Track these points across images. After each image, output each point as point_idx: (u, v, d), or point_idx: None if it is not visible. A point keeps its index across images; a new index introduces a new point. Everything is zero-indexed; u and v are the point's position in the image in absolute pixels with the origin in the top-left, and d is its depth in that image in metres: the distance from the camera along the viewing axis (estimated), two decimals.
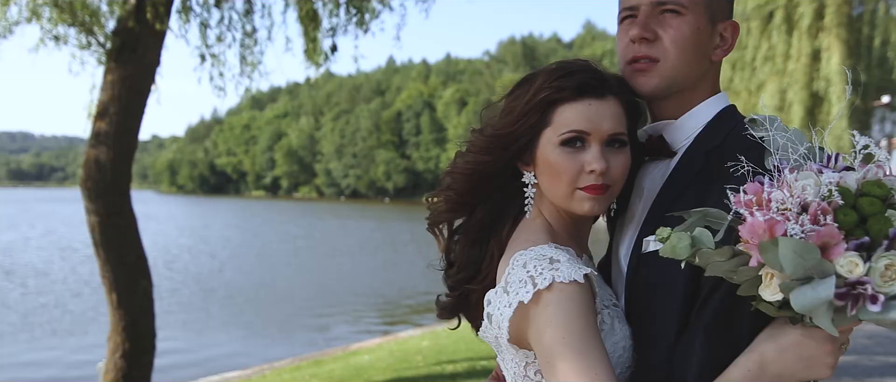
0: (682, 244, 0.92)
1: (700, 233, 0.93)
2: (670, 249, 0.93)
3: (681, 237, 0.93)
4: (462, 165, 1.34)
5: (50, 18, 5.43)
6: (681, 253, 0.93)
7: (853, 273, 0.82)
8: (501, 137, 1.30)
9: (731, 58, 20.69)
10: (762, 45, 19.73)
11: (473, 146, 1.33)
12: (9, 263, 24.04)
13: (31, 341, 13.00)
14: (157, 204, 78.96)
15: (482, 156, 1.31)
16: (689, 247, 0.92)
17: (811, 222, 0.85)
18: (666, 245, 0.94)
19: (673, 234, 0.93)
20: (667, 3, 1.29)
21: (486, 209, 1.36)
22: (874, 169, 0.90)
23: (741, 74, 20.69)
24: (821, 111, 20.38)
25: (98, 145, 5.50)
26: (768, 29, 19.67)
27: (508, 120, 1.30)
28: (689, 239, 0.92)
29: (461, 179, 1.34)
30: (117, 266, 5.73)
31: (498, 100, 1.35)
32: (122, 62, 5.40)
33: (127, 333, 5.87)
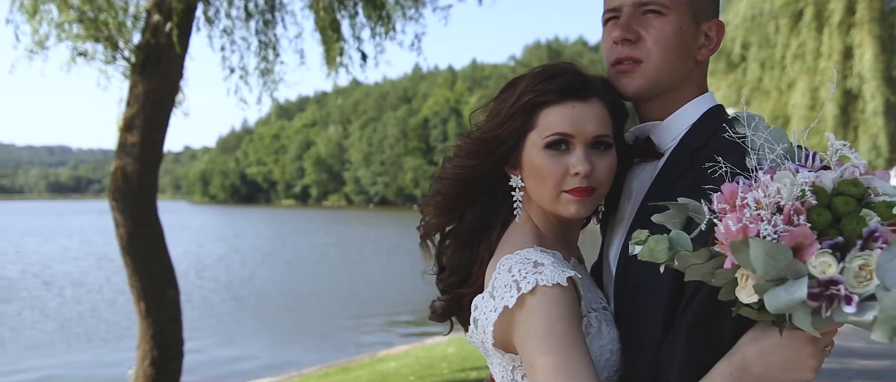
0: (660, 247, 0.91)
1: (677, 236, 0.92)
2: (648, 252, 0.92)
3: (658, 240, 0.92)
4: (450, 171, 1.34)
5: (77, 35, 5.58)
6: (659, 256, 0.92)
7: (826, 273, 0.80)
8: (487, 141, 1.30)
9: (760, 57, 20.35)
10: (791, 43, 19.38)
11: (460, 151, 1.34)
12: (47, 273, 24.66)
13: (68, 348, 13.32)
14: (189, 214, 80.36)
15: (469, 161, 1.32)
16: (667, 250, 0.91)
17: (785, 223, 0.83)
18: (644, 248, 0.93)
19: (651, 237, 0.92)
20: (649, 4, 1.29)
21: (475, 213, 1.37)
22: (851, 168, 0.88)
23: (771, 73, 20.34)
24: (855, 109, 19.93)
25: (125, 157, 5.63)
26: (798, 26, 19.31)
27: (493, 124, 1.30)
28: (666, 241, 0.91)
29: (449, 184, 1.34)
30: (145, 275, 5.84)
31: (486, 104, 1.36)
32: (146, 76, 5.52)
33: (155, 341, 5.98)
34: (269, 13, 6.31)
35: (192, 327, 14.24)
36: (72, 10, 5.45)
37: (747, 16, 19.27)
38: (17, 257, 30.71)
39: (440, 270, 1.41)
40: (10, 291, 20.68)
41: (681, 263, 0.91)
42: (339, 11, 6.11)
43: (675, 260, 0.92)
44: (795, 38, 19.49)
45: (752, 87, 20.87)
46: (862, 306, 0.80)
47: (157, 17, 5.47)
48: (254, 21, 6.26)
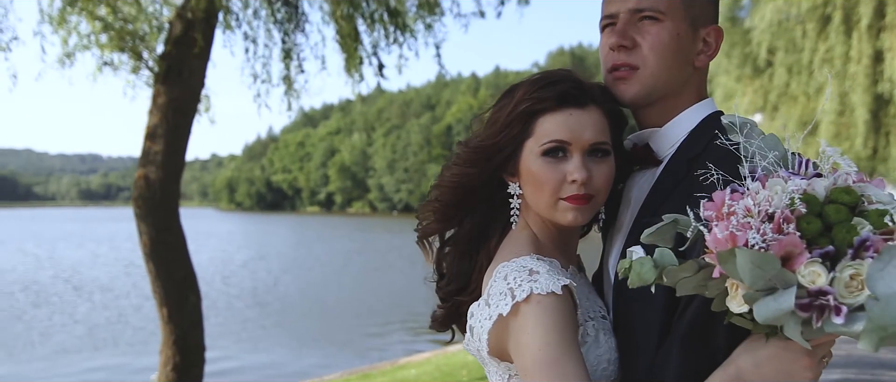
0: (646, 268, 0.89)
1: (660, 254, 0.90)
2: (636, 277, 0.90)
3: (642, 262, 0.90)
4: (448, 178, 1.34)
5: (103, 45, 5.70)
6: (647, 277, 0.90)
7: (816, 283, 0.78)
8: (485, 149, 1.30)
9: (787, 62, 20.04)
10: (819, 48, 19.04)
11: (458, 159, 1.34)
12: (77, 279, 25.15)
13: (95, 353, 13.56)
14: (216, 221, 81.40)
15: (467, 168, 1.32)
16: (653, 270, 0.90)
17: (774, 231, 0.82)
18: (631, 274, 0.91)
19: (634, 262, 0.90)
20: (645, 10, 1.28)
21: (474, 220, 1.36)
22: (845, 175, 0.86)
23: (798, 78, 20.00)
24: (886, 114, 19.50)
25: (148, 165, 5.72)
26: (826, 31, 18.97)
27: (491, 131, 1.30)
28: (650, 262, 0.89)
29: (447, 192, 1.34)
30: (167, 281, 5.93)
31: (484, 112, 1.36)
32: (168, 85, 5.62)
33: (177, 346, 6.06)
34: (290, 22, 6.38)
35: (217, 332, 14.43)
36: (98, 21, 5.57)
37: (773, 20, 19.00)
38: (49, 263, 31.36)
39: (440, 278, 1.41)
40: (41, 296, 21.13)
41: (670, 279, 0.90)
42: (358, 20, 6.16)
43: (663, 277, 0.89)
44: (824, 42, 19.14)
45: (780, 93, 20.55)
46: (851, 316, 0.78)
47: (180, 27, 5.57)
48: (275, 29, 6.34)
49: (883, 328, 0.74)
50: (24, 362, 13.19)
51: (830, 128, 19.79)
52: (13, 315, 17.96)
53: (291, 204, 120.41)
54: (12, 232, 58.27)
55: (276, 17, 6.23)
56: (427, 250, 1.41)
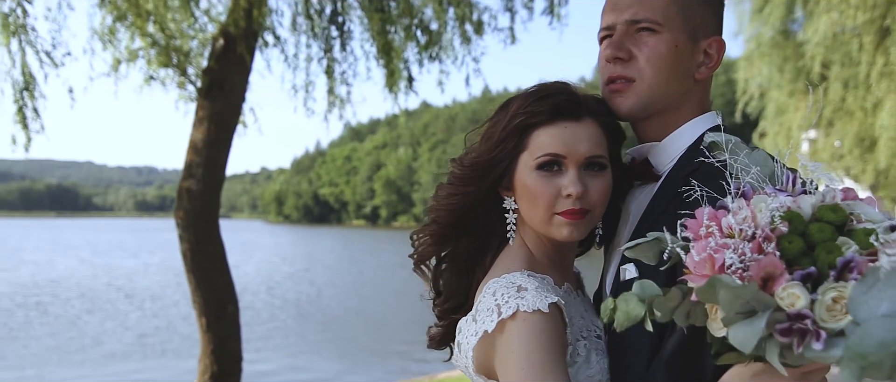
0: (632, 304, 0.84)
1: (642, 287, 0.85)
2: (624, 317, 0.85)
3: (627, 299, 0.85)
4: (446, 201, 1.32)
5: (150, 61, 5.90)
6: (635, 313, 0.85)
7: (795, 306, 0.74)
8: (481, 165, 1.28)
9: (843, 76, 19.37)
10: (877, 61, 18.33)
11: (454, 178, 1.32)
12: (130, 287, 25.94)
13: (143, 360, 13.92)
14: (264, 233, 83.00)
15: (464, 187, 1.30)
16: (640, 305, 0.85)
17: (754, 251, 0.78)
18: (617, 315, 0.86)
19: (618, 302, 0.86)
20: (641, 22, 1.25)
21: (471, 237, 1.34)
22: (833, 191, 0.81)
23: (855, 93, 19.30)
24: None
25: (190, 177, 5.88)
26: (884, 44, 18.27)
27: (487, 147, 1.29)
28: (635, 297, 0.85)
29: (446, 214, 1.32)
30: (206, 291, 6.05)
31: (480, 125, 1.34)
32: (210, 99, 5.77)
33: (215, 356, 6.17)
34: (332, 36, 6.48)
35: (260, 341, 14.66)
36: (146, 37, 5.77)
37: (827, 33, 18.40)
38: (104, 271, 32.47)
39: (436, 295, 1.39)
40: (96, 303, 21.87)
41: (661, 312, 0.84)
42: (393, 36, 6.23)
43: (654, 311, 0.85)
44: (882, 55, 18.43)
45: (835, 108, 19.86)
46: (831, 342, 0.73)
47: (223, 42, 5.73)
48: (317, 43, 6.46)
49: (862, 356, 0.69)
50: (75, 366, 13.64)
51: (890, 144, 19.02)
52: (68, 320, 18.63)
53: (337, 218, 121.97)
54: (72, 241, 60.61)
55: (317, 31, 6.35)
56: (425, 275, 1.39)
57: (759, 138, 22.27)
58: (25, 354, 14.49)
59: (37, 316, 19.63)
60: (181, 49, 5.83)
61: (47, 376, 12.80)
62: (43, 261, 38.18)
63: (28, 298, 22.92)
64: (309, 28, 6.38)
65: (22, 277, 29.62)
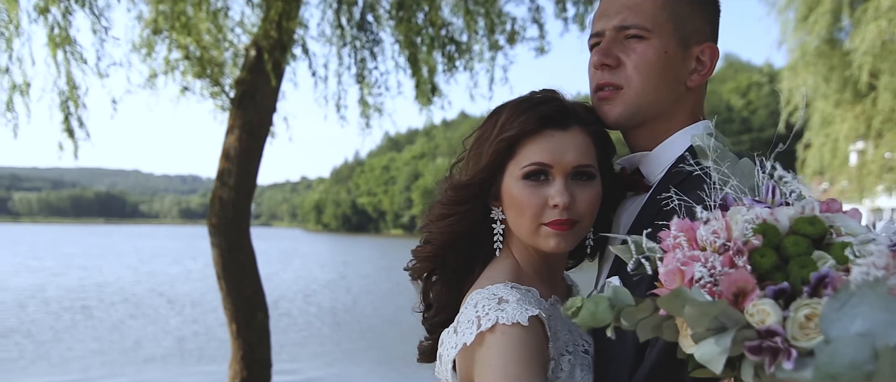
0: (601, 308, 0.80)
1: (616, 292, 0.82)
2: (589, 318, 0.81)
3: (597, 301, 0.81)
4: (441, 223, 1.30)
5: (183, 71, 6.04)
6: (603, 318, 0.81)
7: (765, 322, 0.70)
8: (474, 185, 1.26)
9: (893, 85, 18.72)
10: None
11: (448, 199, 1.30)
12: (171, 293, 26.53)
13: (181, 363, 14.19)
14: (303, 241, 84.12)
15: (459, 208, 1.28)
16: (609, 311, 0.81)
17: (726, 265, 0.74)
18: (582, 315, 0.82)
19: (586, 302, 0.82)
20: (630, 28, 1.22)
21: (461, 250, 1.32)
22: (813, 203, 0.77)
23: None
24: None
25: (222, 186, 5.98)
26: None
27: (478, 166, 1.27)
28: (606, 301, 0.81)
29: (441, 237, 1.30)
30: (237, 298, 6.13)
31: (471, 135, 1.33)
32: (242, 109, 5.88)
33: (245, 362, 6.24)
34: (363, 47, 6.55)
35: (295, 348, 14.82)
36: (181, 48, 5.92)
37: (875, 42, 17.82)
38: (148, 276, 33.30)
39: (426, 308, 1.37)
40: (139, 308, 22.43)
41: (628, 321, 0.81)
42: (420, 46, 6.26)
43: (621, 319, 0.81)
44: None
45: (884, 118, 19.21)
46: (802, 362, 0.68)
47: (253, 53, 5.83)
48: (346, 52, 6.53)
49: (832, 377, 0.64)
50: (117, 368, 13.97)
51: None
52: (112, 324, 19.13)
53: (375, 227, 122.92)
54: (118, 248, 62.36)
55: (347, 40, 6.42)
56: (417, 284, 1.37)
57: (805, 149, 21.67)
58: (70, 356, 14.91)
59: (82, 319, 20.21)
60: (214, 60, 5.96)
61: (90, 378, 13.13)
62: (91, 266, 39.36)
63: (75, 302, 23.64)
64: (339, 38, 6.46)
65: (70, 281, 30.58)
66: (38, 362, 14.43)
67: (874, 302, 0.63)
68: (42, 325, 18.72)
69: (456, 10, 6.11)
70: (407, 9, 5.93)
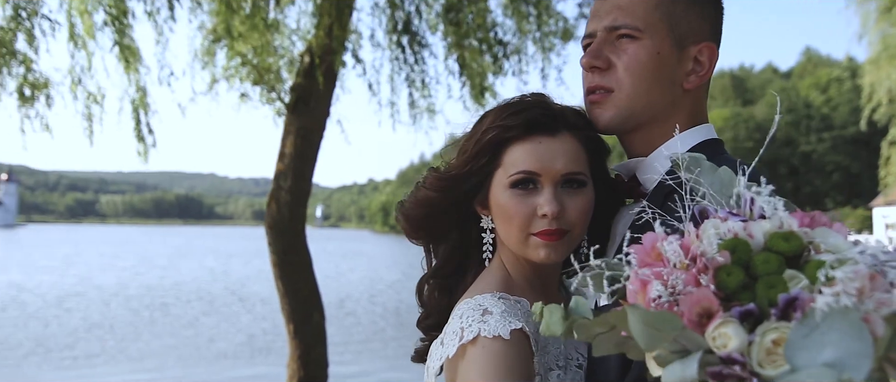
0: (555, 318, 0.76)
1: (576, 304, 0.77)
2: (545, 327, 0.77)
3: (552, 311, 0.77)
4: (412, 197, 1.30)
5: (241, 78, 6.24)
6: (555, 328, 0.76)
7: (727, 347, 0.64)
8: (451, 178, 1.24)
9: None
10: None
11: (425, 181, 1.29)
12: (243, 291, 27.47)
13: (250, 360, 14.66)
14: (370, 242, 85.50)
15: (431, 192, 1.26)
16: (561, 322, 0.76)
17: (691, 283, 0.68)
18: (542, 323, 0.78)
19: (545, 308, 0.78)
20: (621, 28, 1.15)
21: (454, 255, 1.29)
22: (790, 218, 0.70)
23: None
24: None
25: (278, 189, 6.13)
26: None
27: (459, 161, 1.24)
28: (560, 311, 0.77)
29: (412, 207, 1.30)
30: (293, 299, 6.27)
31: (457, 140, 1.30)
32: (297, 114, 6.01)
33: (302, 361, 6.37)
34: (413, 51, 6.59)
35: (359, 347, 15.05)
36: (239, 56, 6.11)
37: None
38: (222, 275, 34.61)
39: (422, 308, 1.36)
40: (212, 305, 23.33)
41: (581, 334, 0.75)
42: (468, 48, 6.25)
43: (573, 331, 0.76)
44: None
45: None
46: None
47: (307, 59, 5.95)
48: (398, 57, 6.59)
49: None
50: (190, 363, 14.56)
51: None
52: (187, 321, 19.96)
53: None
54: (195, 248, 65.05)
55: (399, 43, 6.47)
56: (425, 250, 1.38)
57: (890, 146, 20.42)
58: (147, 351, 15.64)
59: (160, 316, 21.18)
60: (270, 67, 6.12)
61: (165, 372, 13.72)
62: (170, 266, 41.23)
63: (154, 299, 24.82)
64: (391, 43, 6.52)
65: (150, 280, 32.11)
66: (118, 356, 15.20)
67: (845, 329, 0.56)
68: (123, 321, 19.74)
69: (506, 10, 6.07)
70: (455, 11, 5.93)
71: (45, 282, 29.66)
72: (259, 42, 6.05)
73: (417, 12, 6.34)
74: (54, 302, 23.38)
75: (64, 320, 19.70)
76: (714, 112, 70.27)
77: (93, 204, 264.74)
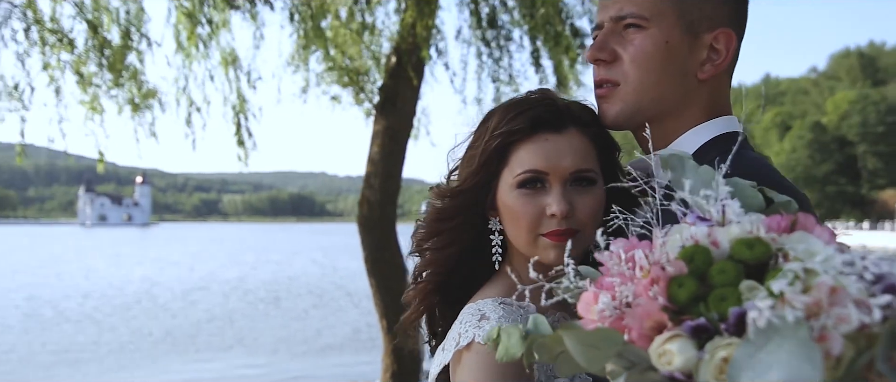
0: (513, 340, 0.70)
1: (535, 322, 0.71)
2: (504, 351, 0.71)
3: (509, 332, 0.71)
4: (435, 244, 1.22)
5: (331, 81, 6.46)
6: (513, 350, 0.70)
7: (671, 365, 0.58)
8: (467, 192, 1.19)
9: None
10: None
11: (439, 213, 1.22)
12: (351, 286, 28.51)
13: (354, 352, 15.20)
14: None
15: (451, 221, 1.20)
16: (520, 343, 0.70)
17: (642, 295, 0.62)
18: (499, 350, 0.72)
19: (501, 331, 0.72)
20: (626, 17, 1.08)
21: (461, 267, 1.23)
22: (759, 221, 0.62)
23: None
24: None
25: (369, 187, 6.30)
26: None
27: (468, 173, 1.19)
28: (518, 332, 0.71)
29: (437, 263, 1.23)
30: (385, 295, 6.42)
31: (461, 143, 1.26)
32: (385, 114, 6.14)
33: (395, 356, 6.52)
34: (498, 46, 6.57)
35: None
36: (328, 59, 6.33)
37: None
38: (331, 271, 36.11)
39: (431, 336, 1.32)
40: (322, 298, 24.42)
41: (542, 355, 0.69)
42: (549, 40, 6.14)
43: (534, 353, 0.69)
44: None
45: None
46: None
47: (394, 59, 6.07)
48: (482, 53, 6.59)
49: None
50: (299, 355, 15.29)
51: None
52: (296, 314, 20.99)
53: None
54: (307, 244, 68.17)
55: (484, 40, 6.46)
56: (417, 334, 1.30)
57: None
58: (261, 341, 16.57)
59: (273, 309, 22.38)
60: (359, 69, 6.29)
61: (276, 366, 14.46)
62: (283, 261, 43.42)
63: (268, 293, 26.25)
64: (476, 38, 6.52)
65: (265, 274, 33.97)
66: (236, 347, 16.20)
67: (793, 349, 0.50)
68: (240, 313, 21.03)
69: None
70: (533, 5, 5.84)
71: (173, 277, 32.10)
72: (353, 47, 6.25)
73: (502, 4, 6.31)
74: (181, 295, 25.27)
75: (189, 312, 21.25)
76: (838, 94, 65.00)
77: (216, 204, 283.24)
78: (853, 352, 0.52)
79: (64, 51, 5.72)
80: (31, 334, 16.89)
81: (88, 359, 14.36)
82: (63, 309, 21.18)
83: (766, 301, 0.53)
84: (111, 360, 14.39)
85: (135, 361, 14.37)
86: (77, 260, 43.48)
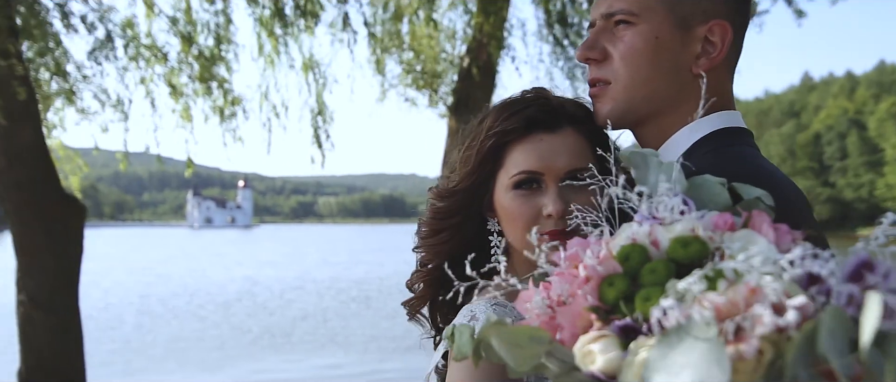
0: (464, 339, 0.69)
1: (487, 321, 0.69)
2: (457, 351, 0.70)
3: (461, 330, 0.70)
4: (435, 244, 1.24)
5: (407, 84, 6.58)
6: (464, 349, 0.69)
7: (594, 364, 0.56)
8: (462, 193, 1.20)
9: None
10: None
11: (436, 212, 1.24)
12: None
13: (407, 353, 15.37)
14: None
15: (450, 220, 1.21)
16: (470, 342, 0.68)
17: (574, 294, 0.60)
18: (454, 348, 0.71)
19: (456, 330, 0.71)
20: (616, 14, 1.05)
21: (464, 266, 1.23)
22: (704, 218, 0.58)
23: None
24: None
25: None
26: None
27: (465, 173, 1.20)
28: (469, 331, 0.70)
29: (437, 256, 1.24)
30: None
31: (458, 145, 1.25)
32: (458, 115, 6.18)
33: None
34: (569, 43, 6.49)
35: None
36: (405, 63, 6.46)
37: None
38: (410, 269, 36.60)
39: (436, 333, 1.33)
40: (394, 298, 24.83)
41: (490, 355, 0.67)
42: None
43: (481, 352, 0.67)
44: None
45: None
46: None
47: (467, 60, 6.11)
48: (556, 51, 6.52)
49: None
50: (387, 353, 15.63)
51: None
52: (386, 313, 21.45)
53: None
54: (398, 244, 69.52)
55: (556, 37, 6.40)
56: (421, 322, 1.33)
57: None
58: (352, 340, 17.07)
59: (364, 308, 22.98)
60: (433, 72, 6.37)
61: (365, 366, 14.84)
62: (375, 261, 44.48)
63: (360, 292, 26.98)
64: (549, 35, 6.47)
65: (357, 274, 34.92)
66: (328, 344, 16.77)
67: (704, 351, 0.48)
68: (333, 312, 21.73)
69: None
70: None
71: (271, 276, 33.57)
72: (430, 52, 6.34)
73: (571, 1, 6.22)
74: (278, 294, 26.40)
75: (285, 310, 22.18)
76: None
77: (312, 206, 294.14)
78: (773, 354, 0.50)
79: (158, 64, 6.15)
80: (144, 329, 18.15)
81: (194, 354, 15.28)
82: (172, 306, 22.61)
83: (669, 301, 0.51)
84: (214, 355, 15.23)
85: (234, 357, 15.15)
86: (185, 260, 46.34)
